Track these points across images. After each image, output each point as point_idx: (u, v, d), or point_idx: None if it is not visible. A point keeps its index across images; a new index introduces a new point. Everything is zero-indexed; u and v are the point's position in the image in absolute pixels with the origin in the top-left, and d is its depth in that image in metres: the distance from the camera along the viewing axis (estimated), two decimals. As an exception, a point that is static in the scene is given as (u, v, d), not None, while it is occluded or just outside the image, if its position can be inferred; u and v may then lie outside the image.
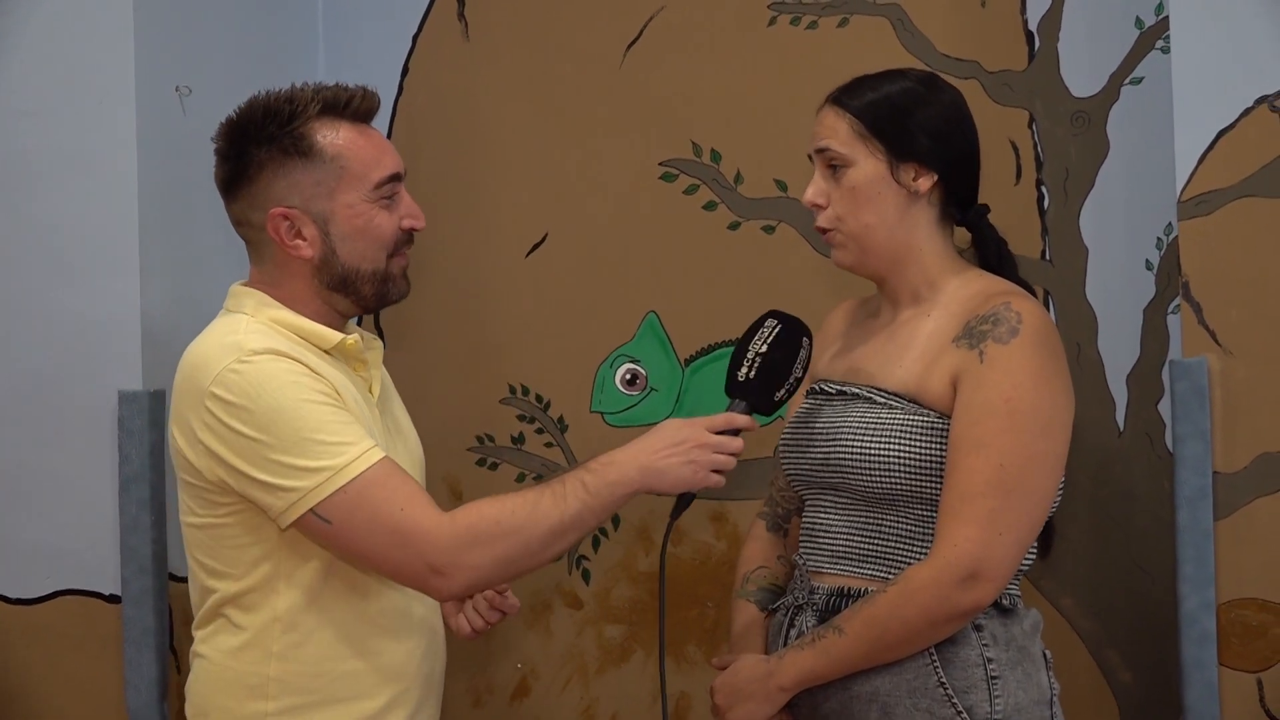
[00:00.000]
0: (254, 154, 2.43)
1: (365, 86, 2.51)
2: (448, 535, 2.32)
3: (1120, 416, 3.39)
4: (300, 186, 2.43)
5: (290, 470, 2.32)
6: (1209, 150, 3.02)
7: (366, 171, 2.45)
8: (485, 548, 2.32)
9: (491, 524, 2.33)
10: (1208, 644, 2.99)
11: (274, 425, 2.32)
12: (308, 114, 2.43)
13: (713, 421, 2.44)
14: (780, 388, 2.49)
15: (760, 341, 2.50)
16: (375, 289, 2.49)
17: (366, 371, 2.52)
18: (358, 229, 2.45)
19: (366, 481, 2.31)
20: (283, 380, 2.34)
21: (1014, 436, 2.39)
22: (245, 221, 2.48)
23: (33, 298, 3.31)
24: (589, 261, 3.73)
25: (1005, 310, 2.44)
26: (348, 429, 2.33)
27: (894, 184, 2.53)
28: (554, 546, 2.37)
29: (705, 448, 2.42)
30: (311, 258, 2.45)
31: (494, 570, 2.35)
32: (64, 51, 3.28)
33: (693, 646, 3.67)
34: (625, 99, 3.70)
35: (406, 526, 2.31)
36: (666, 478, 2.40)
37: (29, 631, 3.33)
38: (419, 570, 2.33)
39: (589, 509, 2.37)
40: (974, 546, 2.38)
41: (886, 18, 3.53)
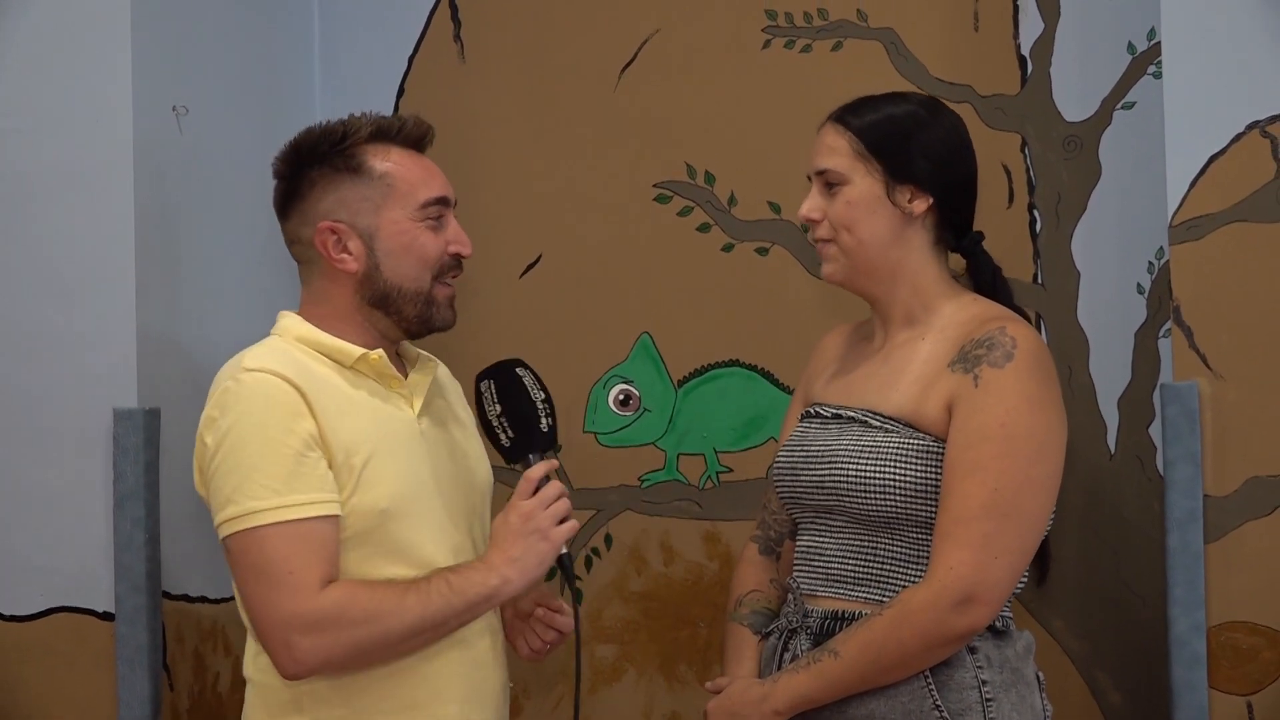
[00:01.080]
0: (307, 173, 2.51)
1: (419, 116, 2.57)
2: (315, 608, 2.33)
3: (1111, 439, 3.40)
4: (348, 201, 2.48)
5: (220, 495, 2.38)
6: (1200, 175, 3.03)
7: (414, 191, 2.51)
8: (343, 631, 2.34)
9: (357, 608, 2.35)
10: (1198, 667, 2.99)
11: (228, 448, 2.37)
12: (360, 136, 2.50)
13: (521, 489, 2.48)
14: (539, 420, 2.54)
15: (492, 405, 2.55)
16: (418, 311, 2.52)
17: (403, 387, 2.53)
18: (403, 246, 2.49)
19: (274, 532, 2.34)
20: (256, 405, 2.38)
21: (1009, 461, 2.40)
22: (296, 239, 2.54)
23: (28, 315, 3.30)
24: (583, 282, 3.74)
25: (1000, 335, 2.45)
26: (290, 476, 2.35)
27: (889, 204, 2.54)
28: (411, 642, 2.40)
29: (535, 515, 2.46)
30: (356, 272, 2.49)
31: (345, 654, 2.36)
32: (61, 69, 3.28)
33: (684, 666, 3.68)
34: (620, 121, 3.71)
35: (284, 585, 2.33)
36: (527, 562, 2.43)
37: (22, 648, 3.32)
38: (277, 634, 2.35)
39: (452, 609, 2.39)
40: (969, 570, 2.39)
41: (880, 41, 3.54)
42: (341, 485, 2.40)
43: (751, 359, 3.64)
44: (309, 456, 2.37)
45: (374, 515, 2.42)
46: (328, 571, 2.36)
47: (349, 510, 2.40)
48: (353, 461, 2.41)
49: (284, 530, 2.34)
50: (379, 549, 2.43)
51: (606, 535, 3.73)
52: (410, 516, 2.45)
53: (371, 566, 2.42)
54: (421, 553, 2.45)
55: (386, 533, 2.43)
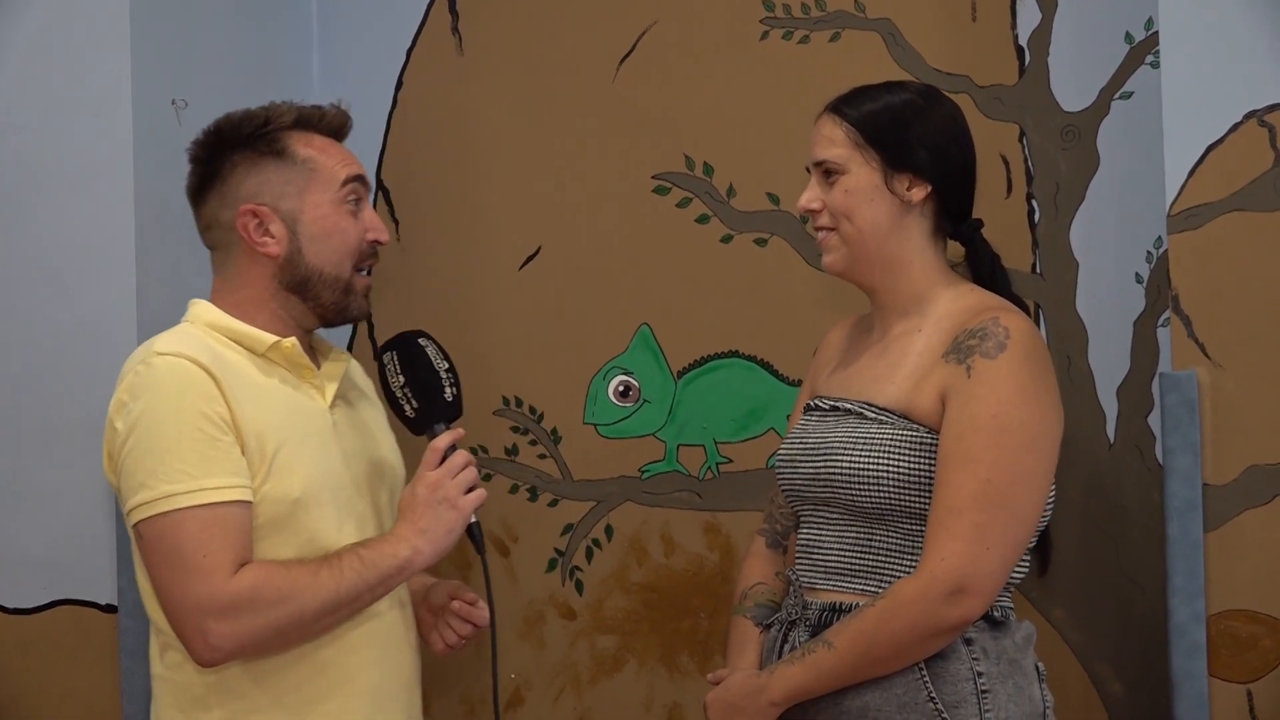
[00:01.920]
0: (229, 156, 2.49)
1: (338, 104, 2.58)
2: (229, 592, 2.31)
3: (1110, 429, 3.41)
4: (271, 184, 2.48)
5: (131, 480, 2.35)
6: (1198, 164, 3.03)
7: (334, 173, 2.51)
8: (258, 613, 2.33)
9: (272, 589, 2.33)
10: (1198, 655, 3.00)
11: (139, 432, 2.35)
12: (282, 123, 2.50)
13: (428, 460, 2.46)
14: (443, 390, 2.52)
15: (395, 377, 2.52)
16: (336, 298, 2.51)
17: (315, 377, 2.52)
18: (325, 230, 2.49)
19: (186, 516, 2.32)
20: (168, 389, 2.36)
21: (1001, 452, 2.40)
22: (214, 223, 2.51)
23: (29, 309, 3.31)
24: (582, 274, 3.75)
25: (993, 325, 2.45)
26: (203, 460, 2.33)
27: (887, 193, 2.54)
28: (326, 620, 2.39)
29: (443, 484, 2.44)
30: (277, 255, 2.48)
31: (262, 636, 2.35)
32: (60, 64, 3.29)
33: (685, 657, 3.68)
34: (618, 112, 3.72)
35: (199, 570, 2.31)
36: (436, 532, 2.42)
37: (25, 641, 3.33)
38: (191, 620, 2.32)
39: (365, 583, 2.38)
40: (960, 561, 2.38)
41: (878, 32, 3.54)
42: (254, 472, 2.38)
43: (751, 350, 3.65)
44: (222, 440, 2.35)
45: (286, 504, 2.40)
46: (241, 556, 2.34)
47: (260, 498, 2.39)
48: (265, 448, 2.39)
49: (198, 514, 2.32)
50: (291, 538, 2.41)
51: (607, 526, 3.73)
52: (322, 506, 2.44)
53: (283, 556, 2.40)
54: (333, 542, 2.43)
55: (298, 522, 2.41)
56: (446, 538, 2.43)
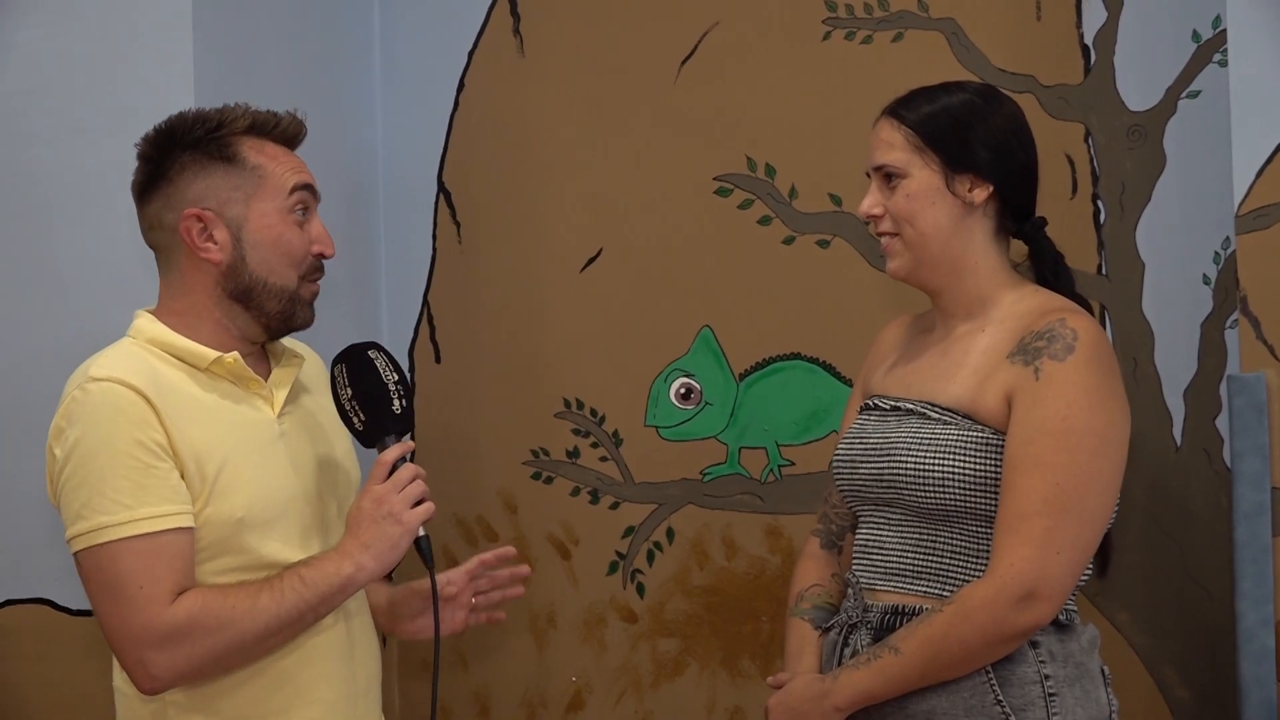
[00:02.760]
0: (178, 157, 2.44)
1: (294, 113, 2.53)
2: (167, 622, 2.29)
3: (1178, 432, 3.38)
4: (218, 189, 2.43)
5: (69, 510, 2.32)
6: (1267, 164, 3.00)
7: (284, 181, 2.46)
8: (197, 641, 2.30)
9: (211, 616, 2.30)
10: (1266, 661, 2.97)
11: (75, 461, 2.32)
12: (235, 127, 2.46)
13: (375, 474, 2.42)
14: (391, 401, 2.46)
15: (343, 389, 2.47)
16: (281, 307, 2.46)
17: (262, 388, 2.47)
18: (271, 239, 2.44)
19: (123, 547, 2.29)
20: (102, 416, 2.32)
21: (1070, 455, 2.38)
22: (157, 224, 2.46)
23: (86, 315, 3.31)
24: (643, 276, 3.74)
25: (1061, 327, 2.44)
26: (138, 489, 2.30)
27: (949, 195, 2.53)
28: (268, 642, 2.36)
29: (388, 499, 2.39)
30: (220, 262, 2.43)
31: (202, 664, 2.32)
32: (123, 69, 3.31)
33: (747, 661, 3.67)
34: (680, 114, 3.71)
35: (135, 601, 2.28)
36: (380, 547, 2.38)
37: (88, 642, 3.35)
38: (131, 651, 2.30)
39: (307, 604, 2.35)
40: (1031, 566, 2.37)
41: (941, 32, 3.53)
42: (195, 495, 2.35)
43: (813, 352, 3.63)
44: (158, 468, 2.31)
45: (229, 525, 2.37)
46: (181, 583, 2.31)
47: (203, 521, 2.35)
48: (205, 470, 2.35)
49: (134, 545, 2.28)
50: (237, 559, 2.38)
51: (668, 529, 3.73)
52: (269, 525, 2.40)
53: (230, 578, 2.37)
54: (281, 559, 2.40)
55: (243, 542, 2.38)
56: (390, 553, 2.39)
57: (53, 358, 3.32)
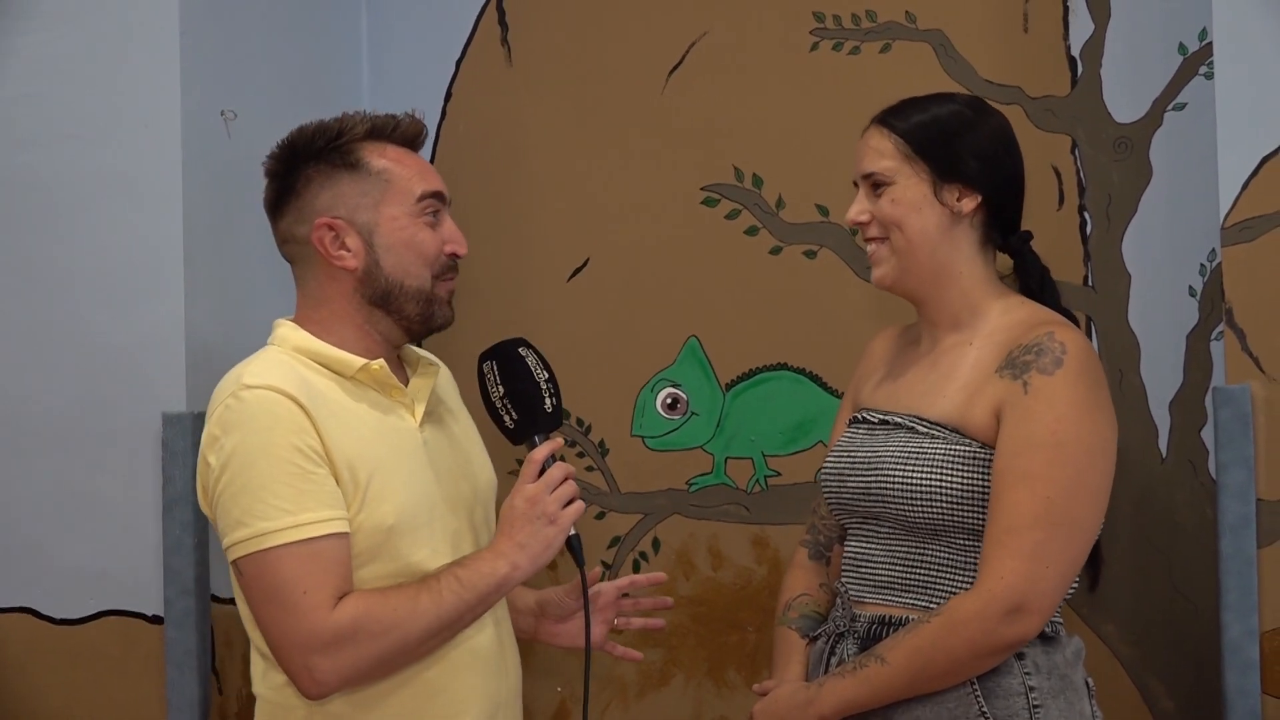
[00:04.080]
0: (302, 169, 2.47)
1: (412, 113, 2.55)
2: (331, 627, 2.30)
3: (1163, 443, 3.38)
4: (346, 197, 2.45)
5: (228, 517, 2.33)
6: (1253, 176, 3.01)
7: (411, 186, 2.47)
8: (362, 645, 2.31)
9: (374, 620, 2.31)
10: (1251, 672, 2.97)
11: (233, 468, 2.32)
12: (355, 134, 2.47)
13: (526, 473, 2.44)
14: (543, 400, 2.49)
15: (495, 387, 2.50)
16: (420, 309, 2.48)
17: (404, 395, 2.49)
18: (402, 241, 2.46)
19: (285, 553, 2.30)
20: (260, 423, 2.33)
21: (1059, 469, 2.38)
22: (291, 238, 2.49)
23: (78, 321, 3.32)
24: (630, 286, 3.74)
25: (1049, 340, 2.44)
26: (298, 494, 2.31)
27: (937, 204, 2.53)
28: (428, 644, 2.37)
29: (541, 498, 2.41)
30: (355, 269, 2.45)
31: (367, 668, 2.34)
32: (111, 76, 3.31)
33: (732, 671, 3.67)
34: (667, 124, 3.71)
35: (299, 607, 2.29)
36: (533, 548, 2.40)
37: (72, 652, 3.34)
38: (296, 657, 2.31)
39: (465, 604, 2.36)
40: (1019, 579, 2.37)
41: (929, 43, 3.53)
42: (348, 502, 2.36)
43: (800, 362, 3.63)
44: (317, 473, 2.33)
45: (381, 532, 2.38)
46: (341, 588, 2.32)
47: (356, 527, 2.36)
48: (359, 477, 2.37)
49: (297, 550, 2.30)
50: (387, 565, 2.39)
51: (654, 539, 3.73)
52: (417, 531, 2.41)
53: (380, 584, 2.38)
54: (429, 566, 2.41)
55: (394, 549, 2.39)
56: (545, 553, 2.41)
57: (47, 363, 3.34)
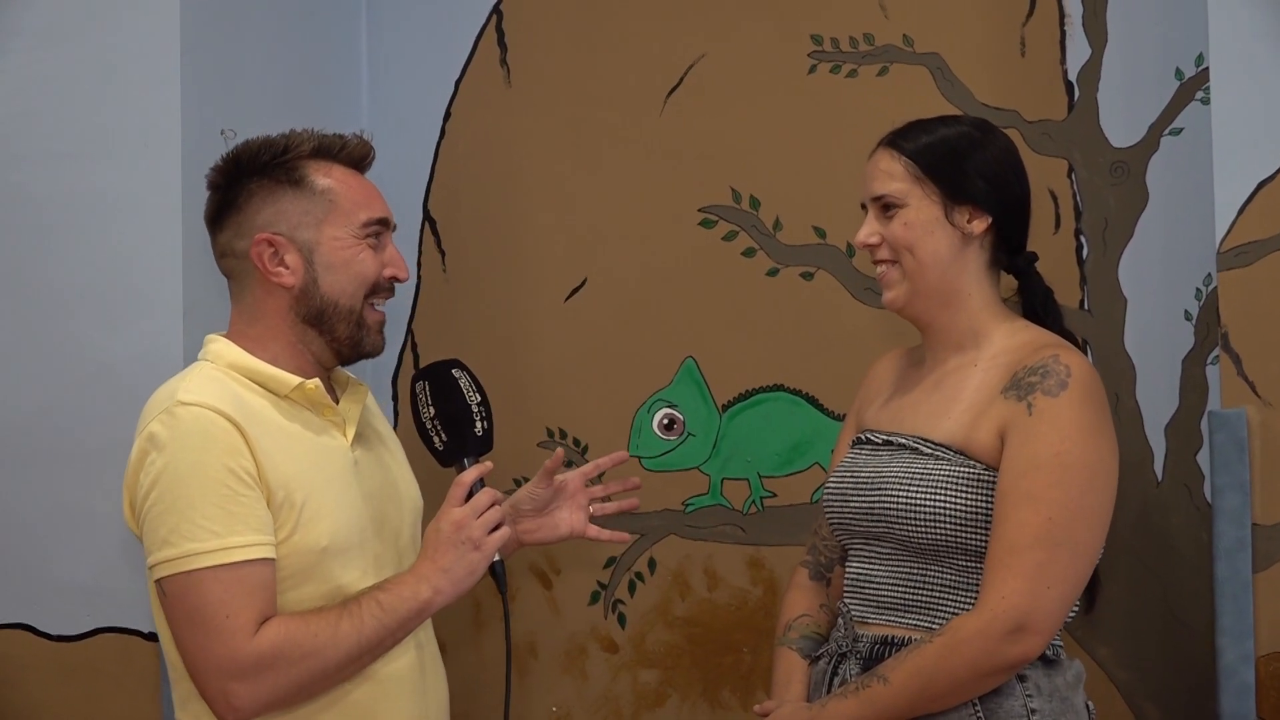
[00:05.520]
0: (246, 184, 2.45)
1: (361, 134, 2.54)
2: (251, 653, 2.27)
3: (1159, 467, 3.39)
4: (288, 214, 2.43)
5: (155, 536, 2.30)
6: (1249, 201, 3.02)
7: (355, 210, 2.46)
8: (281, 671, 2.29)
9: (295, 646, 2.29)
10: (1246, 696, 2.97)
11: (163, 487, 2.29)
12: (301, 151, 2.46)
13: (453, 496, 2.42)
14: (473, 423, 2.48)
15: (425, 408, 2.49)
16: (349, 331, 2.46)
17: (336, 415, 2.47)
18: (342, 261, 2.44)
19: (209, 576, 2.27)
20: (192, 443, 2.30)
21: (1063, 490, 2.39)
22: (229, 251, 2.48)
23: (76, 337, 3.33)
24: (627, 306, 3.75)
25: (1054, 363, 2.44)
26: (227, 517, 2.28)
27: (948, 225, 2.53)
28: (348, 669, 2.35)
29: (467, 523, 2.40)
30: (292, 286, 2.43)
31: (285, 694, 2.31)
32: (111, 94, 3.31)
33: (727, 692, 3.67)
34: (665, 145, 3.72)
35: (221, 631, 2.27)
36: (457, 573, 2.39)
37: (68, 668, 3.34)
38: (214, 682, 2.29)
39: (386, 629, 2.35)
40: (1021, 600, 2.37)
41: (926, 66, 3.54)
42: (282, 523, 2.34)
43: (796, 384, 3.64)
44: (247, 496, 2.30)
45: (314, 554, 2.36)
46: (264, 613, 2.30)
47: (289, 550, 2.34)
48: (294, 498, 2.35)
49: (221, 574, 2.27)
50: (319, 587, 2.37)
51: (650, 559, 3.73)
52: (348, 553, 2.40)
53: (309, 605, 2.35)
54: (357, 587, 2.39)
55: (326, 570, 2.37)
56: (468, 579, 2.40)
57: (45, 380, 3.34)
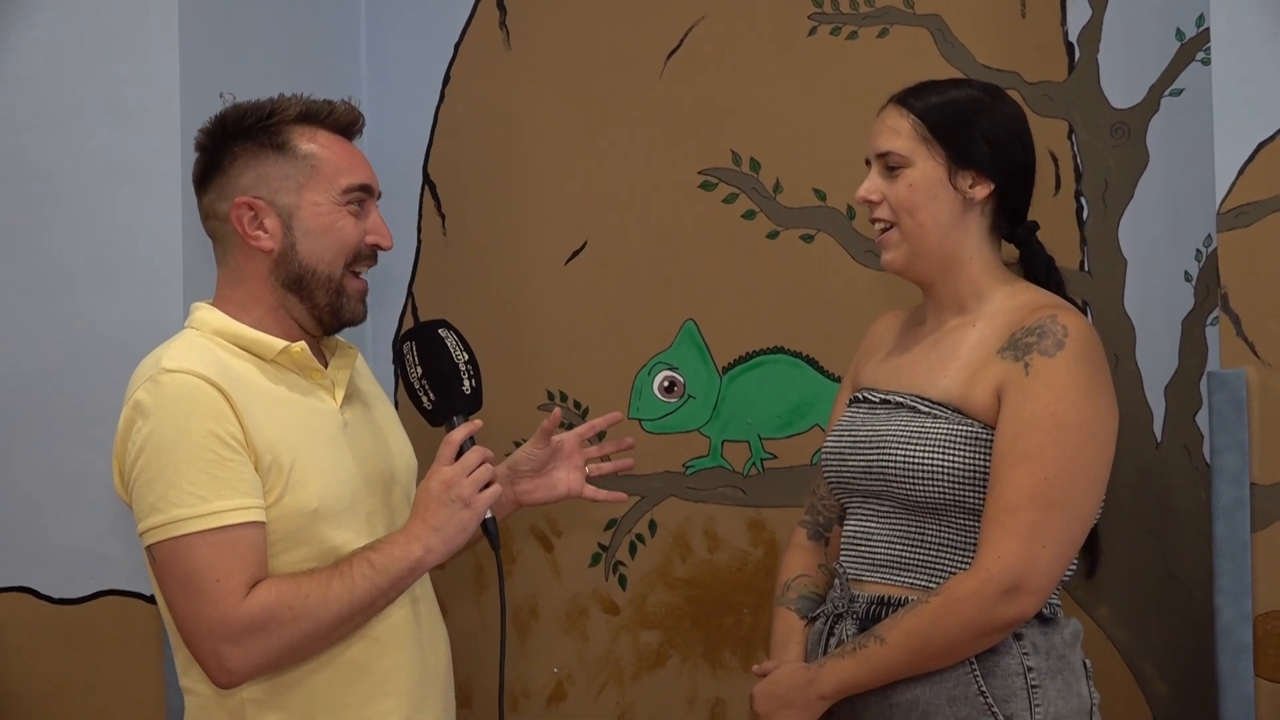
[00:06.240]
0: (231, 147, 2.44)
1: (349, 100, 2.53)
2: (243, 615, 2.27)
3: (1158, 428, 3.39)
4: (269, 179, 2.43)
5: (143, 503, 2.30)
6: (1249, 162, 3.02)
7: (337, 175, 2.45)
8: (273, 633, 2.29)
9: (286, 608, 2.29)
10: (1244, 655, 2.99)
11: (150, 453, 2.29)
12: (286, 115, 2.45)
13: (443, 455, 2.42)
14: (461, 382, 2.48)
15: (413, 368, 2.49)
16: (329, 299, 2.45)
17: (324, 378, 2.47)
18: (322, 227, 2.43)
19: (198, 541, 2.26)
20: (178, 409, 2.30)
21: (1059, 450, 2.39)
22: (212, 214, 2.47)
23: (77, 304, 3.33)
24: (628, 269, 3.75)
25: (1051, 323, 2.44)
26: (214, 482, 2.28)
27: (950, 188, 2.53)
28: (340, 629, 2.35)
29: (457, 481, 2.39)
30: (271, 250, 2.42)
31: (277, 656, 2.31)
32: (109, 59, 3.31)
33: (728, 653, 3.68)
34: (665, 107, 3.72)
35: (211, 595, 2.26)
36: (448, 530, 2.38)
37: (70, 631, 3.35)
38: (206, 645, 2.29)
39: (378, 588, 2.34)
40: (1017, 559, 2.38)
41: (926, 28, 3.54)
42: (270, 487, 2.34)
43: (796, 346, 3.65)
44: (233, 460, 2.30)
45: (304, 516, 2.36)
46: (254, 576, 2.30)
47: (279, 513, 2.34)
48: (281, 461, 2.34)
49: (210, 538, 2.27)
50: (310, 549, 2.37)
51: (651, 521, 3.74)
52: (340, 515, 2.40)
53: (301, 568, 2.35)
54: (350, 549, 2.38)
55: (317, 532, 2.37)
56: (459, 536, 2.40)
57: (46, 346, 3.34)
